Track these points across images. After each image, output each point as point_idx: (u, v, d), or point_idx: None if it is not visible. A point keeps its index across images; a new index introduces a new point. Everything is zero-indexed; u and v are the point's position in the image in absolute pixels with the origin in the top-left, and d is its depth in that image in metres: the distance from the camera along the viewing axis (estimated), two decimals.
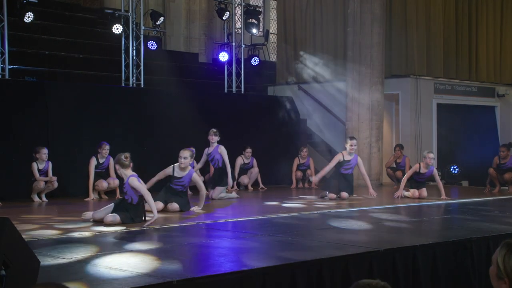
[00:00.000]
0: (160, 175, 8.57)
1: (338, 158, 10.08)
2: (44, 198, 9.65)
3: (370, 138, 12.66)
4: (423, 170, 10.14)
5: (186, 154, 8.32)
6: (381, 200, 10.04)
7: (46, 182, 9.58)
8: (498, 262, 2.61)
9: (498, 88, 16.05)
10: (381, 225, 7.25)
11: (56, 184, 9.66)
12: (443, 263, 5.48)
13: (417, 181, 10.23)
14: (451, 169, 14.09)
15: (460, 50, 15.16)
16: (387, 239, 5.98)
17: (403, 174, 12.71)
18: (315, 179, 10.59)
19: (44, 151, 9.62)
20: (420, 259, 5.28)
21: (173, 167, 8.47)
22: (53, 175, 9.66)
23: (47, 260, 4.69)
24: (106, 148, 10.06)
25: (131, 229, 6.52)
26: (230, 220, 7.46)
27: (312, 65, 15.25)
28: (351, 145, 10.00)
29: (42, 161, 9.64)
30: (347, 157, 10.06)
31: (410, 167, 13.16)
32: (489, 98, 15.95)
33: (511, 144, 12.11)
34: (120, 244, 5.74)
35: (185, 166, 8.38)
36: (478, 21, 15.60)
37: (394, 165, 12.71)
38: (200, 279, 4.16)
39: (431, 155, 10.06)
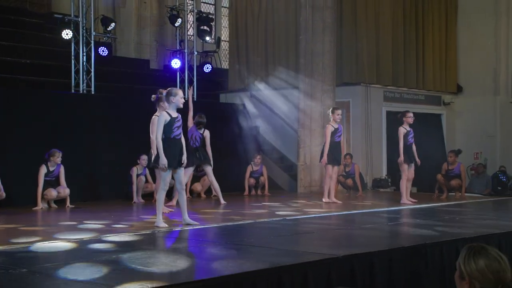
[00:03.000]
0: None
1: (329, 129, 10.56)
2: None
3: (322, 145, 12.75)
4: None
5: None
6: (330, 206, 10.18)
7: None
8: (460, 263, 2.86)
9: (444, 96, 16.53)
10: (336, 231, 7.32)
11: (4, 195, 9.36)
12: (399, 269, 5.57)
13: None
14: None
15: (407, 59, 15.53)
16: (344, 245, 6.04)
17: (353, 182, 12.91)
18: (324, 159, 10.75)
19: None
20: (378, 265, 5.35)
21: None
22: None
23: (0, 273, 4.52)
24: (58, 156, 9.81)
25: (84, 239, 6.37)
26: (186, 228, 7.38)
27: (264, 73, 15.31)
28: (338, 114, 10.58)
29: None
30: (336, 126, 10.60)
31: (360, 174, 13.40)
32: (436, 106, 16.41)
33: (459, 150, 12.46)
34: (75, 254, 5.58)
35: None
36: (424, 31, 16.03)
37: (344, 173, 12.89)
38: None
39: None
